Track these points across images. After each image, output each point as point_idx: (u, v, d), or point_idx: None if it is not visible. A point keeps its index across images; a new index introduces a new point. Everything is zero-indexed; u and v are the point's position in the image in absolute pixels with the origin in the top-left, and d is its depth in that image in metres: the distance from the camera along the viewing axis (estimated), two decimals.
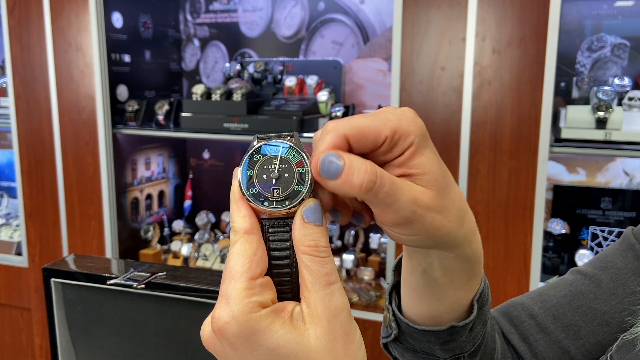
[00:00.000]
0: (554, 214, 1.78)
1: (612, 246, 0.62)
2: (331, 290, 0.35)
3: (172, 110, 1.95)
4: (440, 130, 1.54)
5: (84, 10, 1.86)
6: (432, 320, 0.49)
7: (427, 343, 0.50)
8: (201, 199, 2.35)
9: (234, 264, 0.35)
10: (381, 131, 0.36)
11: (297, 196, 0.36)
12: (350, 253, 1.93)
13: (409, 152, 0.37)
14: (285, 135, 0.38)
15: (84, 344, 1.13)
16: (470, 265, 0.44)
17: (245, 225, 0.36)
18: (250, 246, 0.36)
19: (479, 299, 0.48)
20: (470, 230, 0.42)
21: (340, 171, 0.34)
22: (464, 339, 0.50)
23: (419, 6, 1.52)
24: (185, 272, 1.07)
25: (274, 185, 0.36)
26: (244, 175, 0.37)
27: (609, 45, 1.64)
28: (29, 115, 2.02)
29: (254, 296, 0.34)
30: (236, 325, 0.34)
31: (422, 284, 0.46)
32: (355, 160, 0.34)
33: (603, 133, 1.43)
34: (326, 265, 0.35)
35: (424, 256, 0.44)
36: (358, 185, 0.34)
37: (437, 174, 0.38)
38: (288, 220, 0.37)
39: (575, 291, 0.60)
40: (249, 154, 0.37)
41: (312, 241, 0.35)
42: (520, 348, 0.60)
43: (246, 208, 0.37)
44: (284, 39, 2.15)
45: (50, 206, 2.05)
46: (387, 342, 0.54)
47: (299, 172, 0.36)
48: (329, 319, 0.35)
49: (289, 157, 0.37)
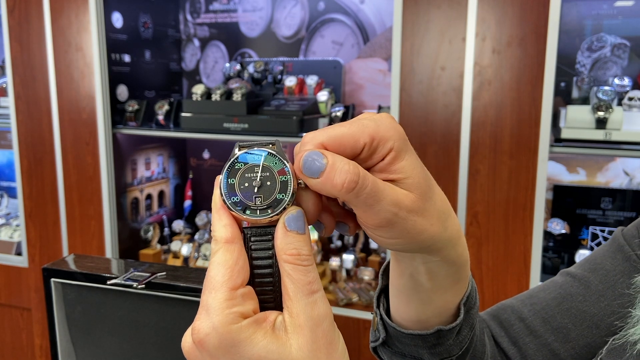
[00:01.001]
0: (554, 214, 1.78)
1: (601, 247, 0.61)
2: (314, 299, 0.35)
3: (172, 110, 1.95)
4: (440, 130, 1.54)
5: (84, 10, 1.86)
6: (419, 324, 0.49)
7: (415, 347, 0.50)
8: (201, 199, 2.35)
9: (214, 274, 0.35)
10: (359, 138, 0.36)
11: (279, 204, 0.36)
12: (350, 253, 1.93)
13: (390, 157, 0.37)
14: (267, 143, 0.37)
15: (84, 344, 1.13)
16: (456, 268, 0.44)
17: (227, 234, 0.36)
18: (231, 256, 0.35)
19: (465, 302, 0.48)
20: (454, 234, 0.41)
21: (322, 169, 0.34)
22: (451, 343, 0.50)
23: (419, 6, 1.52)
24: (185, 272, 1.07)
25: (256, 193, 0.36)
26: (225, 183, 0.36)
27: (609, 45, 1.64)
28: (29, 115, 2.02)
29: (234, 307, 0.34)
30: (217, 337, 0.33)
31: (409, 288, 0.46)
32: (339, 159, 0.34)
33: (603, 133, 1.43)
34: (309, 274, 0.35)
35: (410, 260, 0.44)
36: (340, 184, 0.34)
37: (419, 178, 0.38)
38: (270, 229, 0.37)
39: (564, 293, 0.60)
40: (230, 162, 0.37)
41: (295, 250, 0.35)
42: (509, 351, 0.60)
43: (227, 217, 0.36)
44: (284, 39, 2.15)
45: (50, 206, 2.05)
46: (376, 346, 0.54)
47: (281, 180, 0.36)
48: (312, 328, 0.34)
49: (271, 165, 0.37)
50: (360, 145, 0.36)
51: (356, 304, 1.78)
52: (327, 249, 2.07)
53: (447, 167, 1.54)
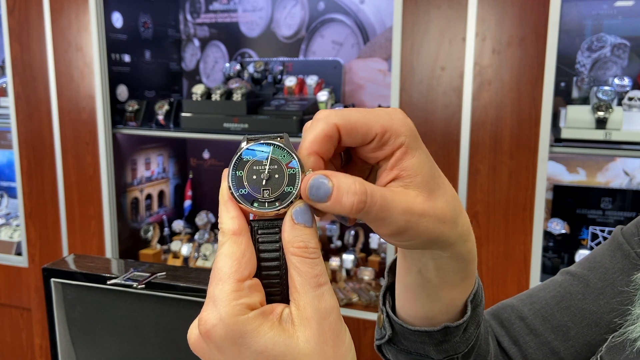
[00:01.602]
0: (554, 214, 1.78)
1: (601, 246, 0.62)
2: (321, 291, 0.35)
3: (172, 110, 1.95)
4: (440, 130, 1.54)
5: (84, 10, 1.86)
6: (426, 321, 0.49)
7: (421, 344, 0.50)
8: (201, 199, 2.35)
9: (221, 266, 0.35)
10: (372, 127, 0.36)
11: (287, 197, 0.36)
12: (350, 253, 1.93)
13: (400, 152, 0.37)
14: (275, 136, 0.37)
15: (84, 344, 1.13)
16: (465, 264, 0.44)
17: (234, 226, 0.36)
18: (239, 248, 0.35)
19: (472, 299, 0.48)
20: (465, 230, 0.42)
21: (329, 194, 0.34)
22: (457, 340, 0.49)
23: (419, 6, 1.52)
24: (185, 272, 1.07)
25: (264, 186, 0.36)
26: (233, 175, 0.37)
27: (609, 45, 1.64)
28: (29, 115, 2.02)
29: (241, 298, 0.34)
30: (223, 328, 0.33)
31: (417, 284, 0.46)
32: (344, 181, 0.34)
33: (603, 133, 1.43)
34: (316, 267, 0.35)
35: (420, 256, 0.44)
36: (349, 207, 0.34)
37: (429, 176, 0.37)
38: (277, 221, 0.37)
39: (564, 292, 0.60)
40: (238, 155, 0.37)
41: (302, 242, 0.35)
42: (510, 350, 0.60)
43: (235, 209, 0.37)
44: (284, 39, 2.15)
45: (50, 206, 2.05)
46: (381, 343, 0.54)
47: (289, 173, 0.36)
48: (319, 320, 0.34)
49: (279, 158, 0.36)
50: (371, 135, 0.36)
51: (356, 304, 1.78)
52: (327, 249, 2.07)
53: (447, 167, 1.54)
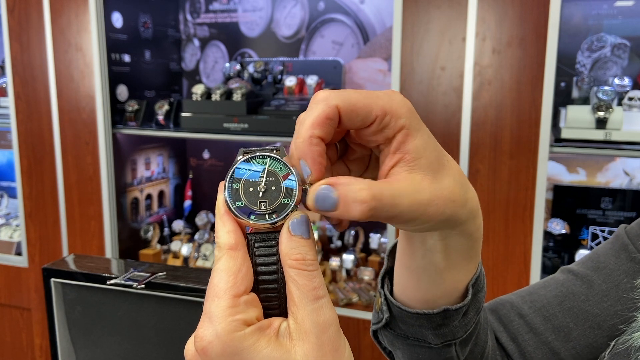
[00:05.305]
0: (554, 214, 1.78)
1: (604, 245, 0.60)
2: (319, 304, 0.34)
3: (172, 110, 1.95)
4: (440, 130, 1.54)
5: (84, 10, 1.86)
6: (426, 305, 0.48)
7: (419, 327, 0.49)
8: (201, 199, 2.35)
9: (217, 281, 0.35)
10: (372, 109, 0.35)
11: (284, 209, 0.36)
12: (350, 253, 1.93)
13: (402, 135, 0.36)
14: (271, 149, 0.37)
15: (84, 344, 1.13)
16: (472, 242, 0.44)
17: (230, 241, 0.35)
18: (235, 263, 0.35)
19: (474, 283, 0.48)
20: (475, 206, 0.41)
21: (336, 204, 0.34)
22: (456, 324, 0.49)
23: (419, 6, 1.52)
24: (185, 272, 1.07)
25: (261, 198, 0.36)
26: (229, 188, 0.36)
27: (609, 45, 1.64)
28: (29, 115, 2.02)
29: (237, 314, 0.34)
30: (220, 345, 0.33)
31: (421, 267, 0.46)
32: (350, 190, 0.34)
33: (603, 133, 1.43)
34: (314, 279, 0.34)
35: (428, 238, 0.43)
36: (358, 215, 0.34)
37: (433, 157, 0.37)
38: (274, 234, 0.36)
39: (566, 292, 0.59)
40: (234, 168, 0.37)
41: (300, 254, 0.35)
42: (508, 347, 0.59)
43: (231, 223, 0.36)
44: (284, 39, 2.15)
45: (50, 206, 2.05)
46: (378, 328, 0.53)
47: (286, 185, 0.36)
48: (317, 334, 0.34)
49: (275, 170, 0.36)
50: (372, 117, 0.36)
51: (356, 304, 1.78)
52: (327, 249, 2.07)
53: None
